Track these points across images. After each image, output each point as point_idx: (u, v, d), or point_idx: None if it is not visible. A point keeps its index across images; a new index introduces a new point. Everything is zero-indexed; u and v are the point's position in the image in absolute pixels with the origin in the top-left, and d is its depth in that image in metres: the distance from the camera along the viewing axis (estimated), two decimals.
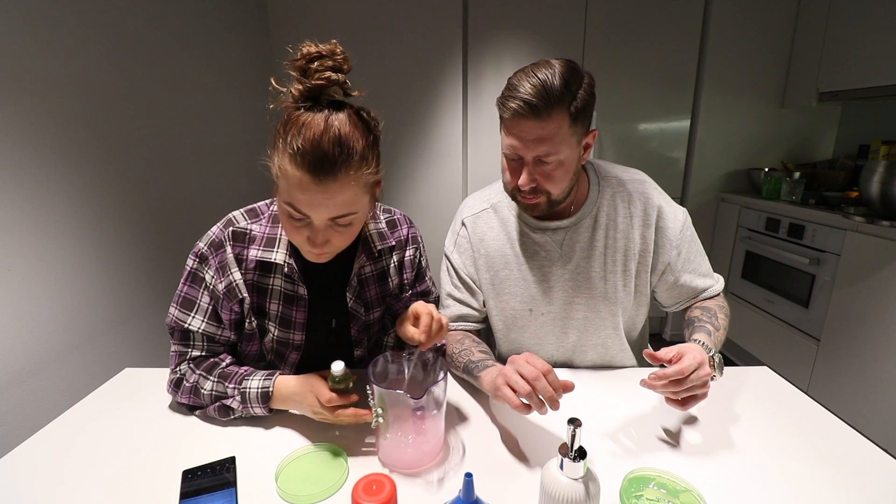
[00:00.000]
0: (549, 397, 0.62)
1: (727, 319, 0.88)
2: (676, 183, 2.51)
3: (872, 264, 1.63)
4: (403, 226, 0.89)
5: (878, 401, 1.62)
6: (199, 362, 0.77)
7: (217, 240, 0.75)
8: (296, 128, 0.59)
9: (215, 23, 1.83)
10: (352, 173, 0.60)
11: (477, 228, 0.95)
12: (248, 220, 0.77)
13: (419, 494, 0.60)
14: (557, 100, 0.73)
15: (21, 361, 1.01)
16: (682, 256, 0.90)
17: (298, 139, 0.58)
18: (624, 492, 0.55)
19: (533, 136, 0.76)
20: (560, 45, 2.30)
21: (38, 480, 0.62)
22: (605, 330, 0.93)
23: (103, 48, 1.25)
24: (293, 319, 0.78)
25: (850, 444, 0.69)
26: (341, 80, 0.61)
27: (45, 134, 1.07)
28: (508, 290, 0.93)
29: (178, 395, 0.76)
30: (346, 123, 0.60)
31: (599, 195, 0.90)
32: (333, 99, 0.62)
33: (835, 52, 2.07)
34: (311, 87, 0.59)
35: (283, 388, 0.73)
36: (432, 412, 0.65)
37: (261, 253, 0.75)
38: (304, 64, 0.60)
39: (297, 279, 0.76)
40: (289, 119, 0.61)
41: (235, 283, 0.75)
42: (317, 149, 0.57)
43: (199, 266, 0.75)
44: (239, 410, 0.73)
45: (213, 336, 0.78)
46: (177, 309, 0.76)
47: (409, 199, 2.52)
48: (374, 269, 0.84)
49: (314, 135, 0.58)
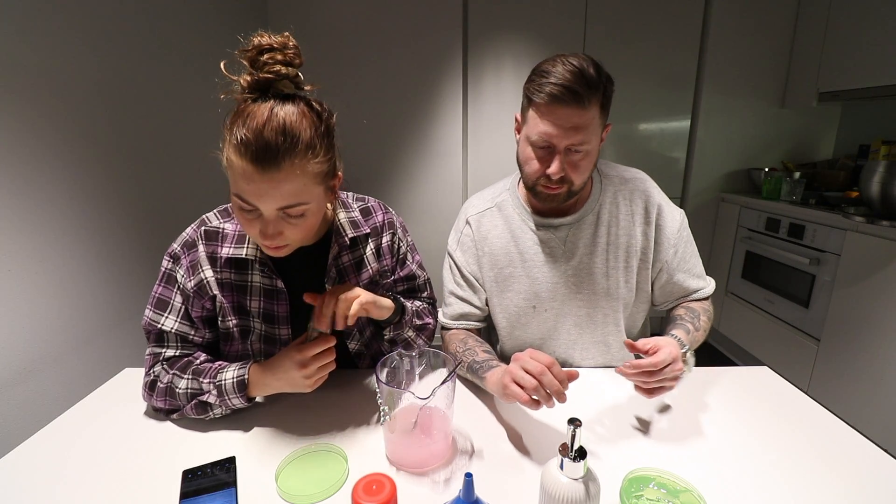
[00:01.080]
0: (555, 391, 0.63)
1: (709, 323, 0.90)
2: (676, 183, 2.51)
3: (872, 264, 1.63)
4: (378, 212, 0.88)
5: (878, 401, 1.61)
6: (173, 362, 0.76)
7: (190, 239, 0.77)
8: (241, 118, 0.59)
9: (216, 23, 1.83)
10: (297, 162, 0.60)
11: (481, 227, 0.95)
12: (220, 219, 0.79)
13: (425, 493, 0.60)
14: (595, 87, 0.74)
15: (21, 361, 1.01)
16: (678, 256, 0.91)
17: (242, 129, 0.58)
18: (624, 492, 0.55)
19: (570, 123, 0.75)
20: (560, 45, 2.30)
21: (38, 480, 0.62)
22: (606, 327, 0.94)
23: (104, 49, 1.25)
24: (276, 314, 0.79)
25: (850, 444, 0.69)
26: (291, 73, 0.61)
27: (44, 134, 1.07)
28: (512, 287, 0.94)
29: (154, 399, 0.74)
30: (292, 113, 0.60)
31: (602, 192, 0.91)
32: (283, 92, 0.61)
33: (835, 52, 2.07)
34: (259, 80, 0.60)
35: (259, 371, 0.72)
36: (440, 412, 0.65)
37: (232, 250, 0.75)
38: (255, 55, 0.59)
39: (270, 272, 0.76)
40: (237, 110, 0.61)
41: (206, 281, 0.75)
42: (259, 138, 0.57)
43: (172, 266, 0.76)
44: (217, 405, 0.72)
45: (186, 336, 0.77)
46: (151, 310, 0.76)
47: (409, 199, 2.52)
48: (351, 257, 0.83)
49: (257, 124, 0.58)
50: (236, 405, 0.72)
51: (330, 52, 2.30)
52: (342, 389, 0.84)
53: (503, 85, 2.36)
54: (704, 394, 0.82)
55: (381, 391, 0.63)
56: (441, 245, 1.02)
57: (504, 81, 2.36)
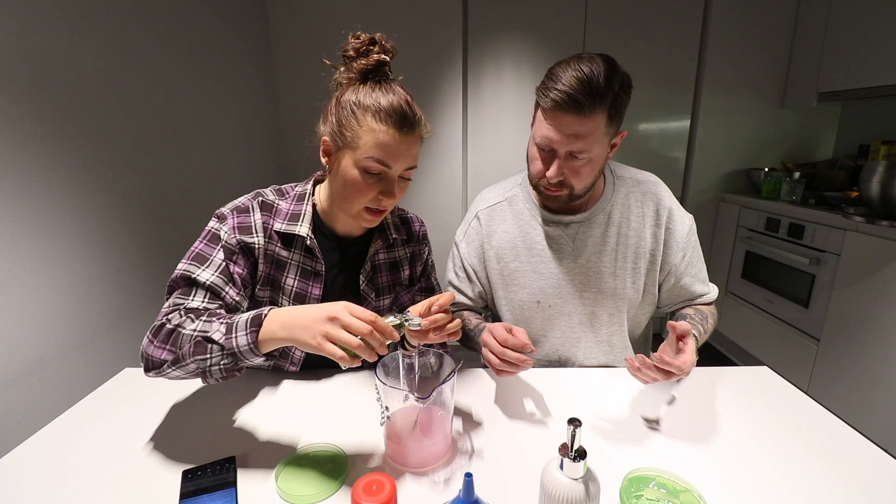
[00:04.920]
0: (518, 364, 0.72)
1: (713, 328, 0.91)
2: (676, 183, 2.51)
3: (872, 264, 1.63)
4: (415, 223, 0.95)
5: (878, 401, 1.61)
6: (193, 312, 0.66)
7: (243, 206, 0.79)
8: (371, 95, 0.71)
9: (216, 23, 1.83)
10: (422, 129, 0.74)
11: (490, 222, 0.97)
12: (275, 196, 0.82)
13: (425, 493, 0.60)
14: (600, 98, 0.74)
15: (21, 361, 1.01)
16: (686, 260, 0.92)
17: (382, 101, 0.70)
18: (624, 492, 0.55)
19: (571, 130, 0.76)
20: (560, 45, 2.30)
21: (38, 480, 0.62)
22: (611, 326, 0.94)
23: (104, 48, 1.25)
24: (309, 294, 0.81)
25: (850, 443, 0.69)
26: (389, 61, 0.75)
27: (44, 134, 1.07)
28: (517, 281, 0.94)
29: (153, 345, 0.63)
30: (403, 93, 0.73)
31: (614, 193, 0.92)
32: (385, 75, 0.75)
33: (835, 52, 2.07)
34: (372, 63, 0.73)
35: (283, 311, 0.61)
36: (440, 412, 0.65)
37: (285, 226, 0.78)
38: (365, 47, 0.73)
39: (317, 254, 0.80)
40: (356, 90, 0.72)
41: (257, 246, 0.77)
42: (399, 108, 0.70)
43: (217, 225, 0.77)
44: (218, 344, 0.59)
45: (219, 291, 0.71)
46: (187, 263, 0.72)
47: (409, 198, 2.51)
48: (387, 257, 0.88)
49: (394, 99, 0.70)
50: (241, 344, 0.59)
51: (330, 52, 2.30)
52: (342, 389, 0.84)
53: (503, 85, 2.36)
54: (704, 394, 0.82)
55: (381, 391, 0.63)
56: (441, 244, 1.03)
57: (504, 81, 2.36)
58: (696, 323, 0.84)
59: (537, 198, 0.93)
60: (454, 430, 0.73)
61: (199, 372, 0.61)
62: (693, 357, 0.69)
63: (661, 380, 0.69)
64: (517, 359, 0.72)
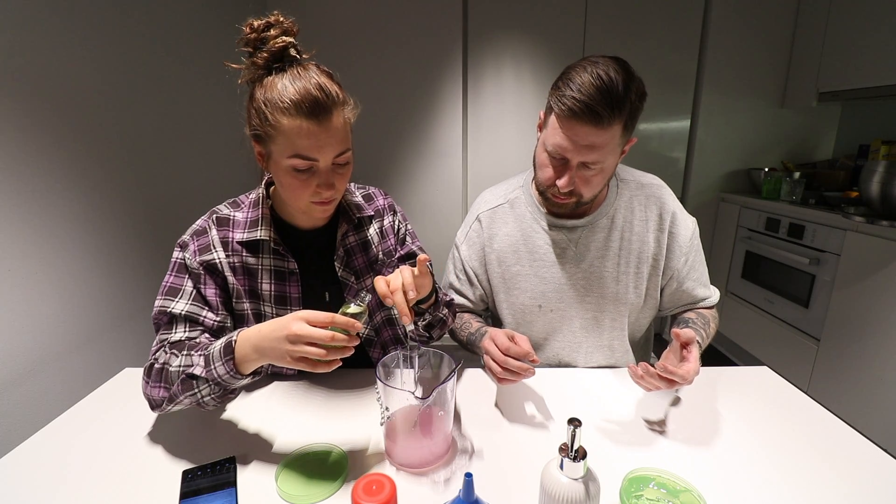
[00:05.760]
0: (520, 372, 0.72)
1: (714, 331, 0.91)
2: (676, 183, 2.51)
3: (872, 264, 1.63)
4: (379, 197, 0.93)
5: (878, 401, 1.61)
6: (176, 346, 0.70)
7: (200, 228, 0.79)
8: (276, 89, 0.65)
9: (216, 22, 1.83)
10: (341, 110, 0.69)
11: (491, 225, 0.96)
12: (230, 209, 0.82)
13: (425, 493, 0.60)
14: (619, 108, 0.71)
15: (21, 361, 1.01)
16: (689, 264, 0.91)
17: (286, 94, 0.64)
18: (624, 492, 0.54)
19: (587, 141, 0.73)
20: (560, 45, 2.30)
21: (38, 480, 0.62)
22: (612, 331, 0.93)
23: (103, 47, 1.25)
24: (288, 295, 0.80)
25: (850, 444, 0.69)
26: (294, 42, 0.69)
27: (44, 134, 1.07)
28: (519, 285, 0.94)
29: (150, 386, 0.67)
30: (317, 73, 0.68)
31: (617, 197, 0.91)
32: (293, 59, 0.69)
33: (835, 52, 2.07)
34: (273, 51, 0.66)
35: (251, 333, 0.61)
36: (440, 412, 0.65)
37: (246, 234, 0.78)
38: (259, 35, 0.67)
39: (284, 252, 0.79)
40: (263, 86, 0.67)
41: (218, 261, 0.77)
42: (308, 96, 0.64)
43: (181, 255, 0.77)
44: (203, 377, 0.62)
45: (196, 318, 0.74)
46: (161, 299, 0.75)
47: (409, 199, 2.51)
48: (357, 238, 0.87)
49: (301, 86, 0.65)
50: (221, 374, 0.61)
51: (329, 51, 2.29)
52: (342, 389, 0.84)
53: (503, 84, 2.36)
54: (704, 394, 0.82)
55: (381, 391, 0.63)
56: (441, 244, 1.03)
57: (504, 81, 2.36)
58: (698, 328, 0.84)
59: (540, 202, 0.92)
60: (454, 430, 0.73)
61: (195, 404, 0.65)
62: (697, 365, 0.69)
63: (664, 388, 0.69)
64: (519, 367, 0.71)
